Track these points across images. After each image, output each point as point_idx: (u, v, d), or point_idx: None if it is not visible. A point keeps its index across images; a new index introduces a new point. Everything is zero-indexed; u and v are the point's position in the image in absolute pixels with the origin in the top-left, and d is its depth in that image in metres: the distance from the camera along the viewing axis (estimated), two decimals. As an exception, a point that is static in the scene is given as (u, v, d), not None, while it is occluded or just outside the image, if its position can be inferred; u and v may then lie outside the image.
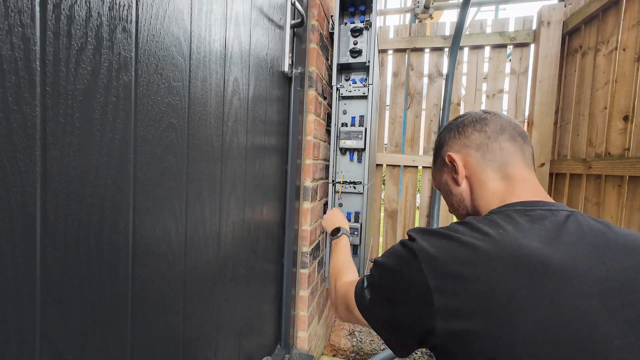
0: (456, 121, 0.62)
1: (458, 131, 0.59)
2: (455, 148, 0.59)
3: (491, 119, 0.56)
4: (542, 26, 1.92)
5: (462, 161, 0.57)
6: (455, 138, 0.59)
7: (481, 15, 4.58)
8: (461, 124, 0.59)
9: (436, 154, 0.66)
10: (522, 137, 0.55)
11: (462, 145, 0.58)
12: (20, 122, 0.32)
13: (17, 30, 0.31)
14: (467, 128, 0.57)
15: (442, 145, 0.63)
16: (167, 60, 0.52)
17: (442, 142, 0.63)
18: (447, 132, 0.62)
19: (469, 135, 0.57)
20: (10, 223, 0.31)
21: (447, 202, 0.64)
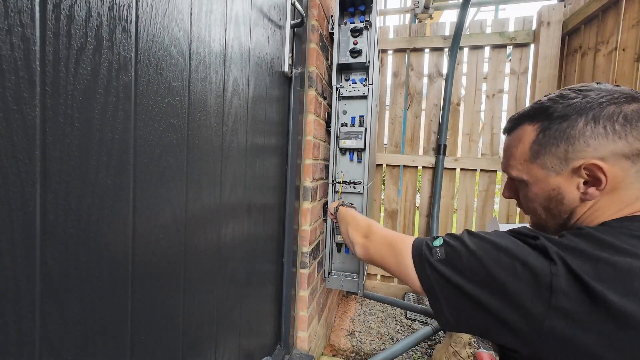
0: (604, 108, 0.43)
1: (613, 130, 0.42)
2: (602, 153, 0.42)
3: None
4: (541, 26, 1.92)
5: (608, 174, 0.42)
6: (605, 138, 0.42)
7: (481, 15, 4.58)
8: (621, 119, 0.41)
9: (549, 147, 0.47)
10: None
11: (615, 152, 0.42)
12: (20, 122, 0.32)
13: (17, 30, 0.31)
14: (632, 127, 0.41)
15: (572, 140, 0.45)
16: (167, 60, 0.52)
17: (569, 134, 0.45)
18: (584, 121, 0.44)
19: (631, 141, 0.41)
20: (9, 223, 0.31)
21: (537, 209, 0.51)
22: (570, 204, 0.47)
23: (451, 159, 2.13)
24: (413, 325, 1.89)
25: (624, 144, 0.41)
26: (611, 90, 0.44)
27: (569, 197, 0.46)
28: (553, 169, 0.47)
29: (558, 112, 0.46)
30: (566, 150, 0.45)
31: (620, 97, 0.42)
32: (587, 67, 1.70)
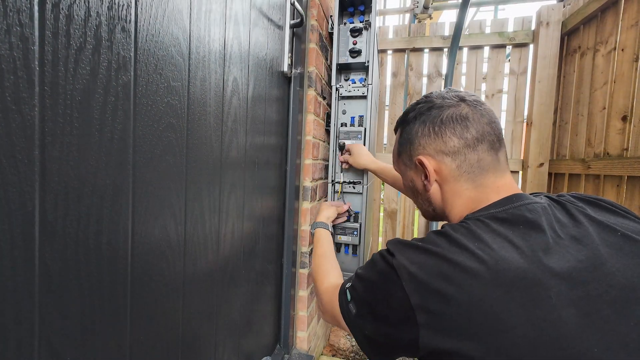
0: (430, 112, 0.52)
1: (434, 130, 0.51)
2: (428, 151, 0.52)
3: (472, 120, 0.49)
4: (541, 26, 1.93)
5: (435, 168, 0.52)
6: (429, 137, 0.51)
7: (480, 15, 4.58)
8: (438, 121, 0.51)
9: (403, 145, 0.57)
10: (499, 139, 0.51)
11: (437, 149, 0.51)
12: (19, 122, 0.32)
13: (16, 30, 0.31)
14: (446, 130, 0.50)
15: (412, 140, 0.54)
16: (167, 60, 0.52)
17: (411, 135, 0.54)
18: (419, 124, 0.53)
19: (447, 140, 0.50)
20: (8, 223, 0.31)
21: (411, 198, 0.61)
22: (423, 194, 0.56)
23: (450, 158, 2.12)
24: (412, 325, 1.88)
25: (441, 143, 0.50)
26: (443, 96, 0.53)
27: (419, 188, 0.56)
28: (407, 165, 0.58)
29: (409, 117, 0.56)
30: (410, 149, 0.55)
31: (445, 103, 0.51)
32: (586, 67, 1.71)
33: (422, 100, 0.55)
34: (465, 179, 0.50)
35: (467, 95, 0.52)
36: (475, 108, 0.50)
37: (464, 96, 0.51)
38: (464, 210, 0.50)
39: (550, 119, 1.94)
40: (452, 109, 0.50)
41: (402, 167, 0.60)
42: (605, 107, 1.52)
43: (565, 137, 1.86)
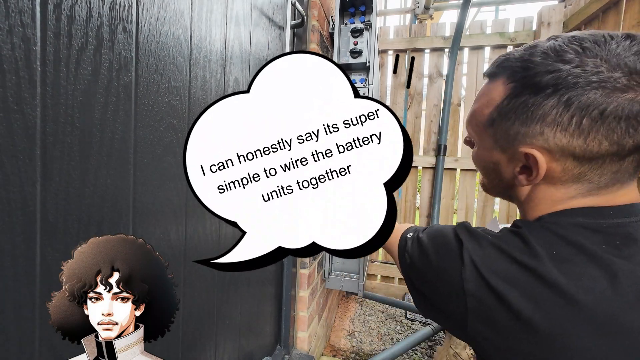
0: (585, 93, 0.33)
1: (580, 125, 0.34)
2: (549, 144, 0.36)
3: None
4: (542, 27, 1.92)
5: (548, 167, 0.38)
6: (564, 130, 0.35)
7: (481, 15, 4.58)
8: (596, 113, 0.33)
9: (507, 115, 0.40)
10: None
11: (565, 148, 0.36)
12: (21, 122, 0.32)
13: (18, 31, 0.31)
14: (601, 128, 0.33)
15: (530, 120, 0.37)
16: (168, 61, 0.52)
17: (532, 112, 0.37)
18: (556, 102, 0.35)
19: (590, 142, 0.34)
20: (10, 223, 0.31)
21: (483, 176, 0.51)
22: (506, 183, 0.45)
23: (451, 159, 2.13)
24: (413, 326, 1.88)
25: (580, 143, 0.35)
26: (618, 65, 0.33)
27: (505, 176, 0.44)
28: (499, 144, 0.43)
29: (537, 78, 0.37)
30: (517, 132, 0.39)
31: (619, 79, 0.32)
32: (587, 67, 1.70)
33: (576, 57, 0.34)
34: (579, 188, 0.38)
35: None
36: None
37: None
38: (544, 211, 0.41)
39: (551, 119, 1.93)
40: (625, 97, 0.32)
41: (485, 139, 0.45)
42: (606, 108, 1.51)
43: (567, 137, 1.85)
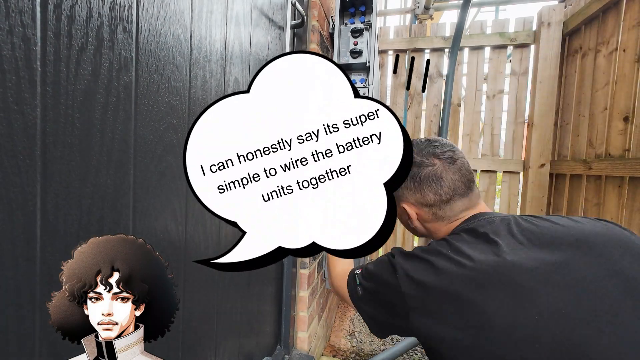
0: (412, 170, 0.61)
1: (414, 185, 0.61)
2: (410, 200, 0.62)
3: (445, 179, 0.59)
4: (542, 27, 1.92)
5: (416, 213, 0.63)
6: (410, 190, 0.62)
7: (481, 16, 4.58)
8: (418, 178, 0.60)
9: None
10: (470, 183, 0.60)
11: (417, 201, 0.61)
12: (21, 122, 0.32)
13: (18, 31, 0.31)
14: (424, 186, 0.60)
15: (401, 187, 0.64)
16: (168, 61, 0.52)
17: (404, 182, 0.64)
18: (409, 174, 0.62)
19: (424, 194, 0.60)
20: (10, 223, 0.31)
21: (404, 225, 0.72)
22: (410, 225, 0.66)
23: (451, 159, 2.12)
24: (413, 326, 1.88)
25: (420, 196, 0.60)
26: (424, 153, 0.61)
27: (407, 221, 0.66)
28: (397, 201, 0.65)
29: None
30: (398, 193, 0.63)
31: (425, 162, 0.60)
32: (587, 67, 1.70)
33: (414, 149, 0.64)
34: (442, 221, 0.62)
35: (441, 152, 0.60)
36: (448, 165, 0.59)
37: (439, 153, 0.60)
38: (444, 234, 0.61)
39: (552, 119, 1.93)
40: (428, 169, 0.59)
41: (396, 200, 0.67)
42: (606, 108, 1.51)
43: (567, 137, 1.85)
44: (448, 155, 0.60)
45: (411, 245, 2.27)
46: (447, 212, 0.60)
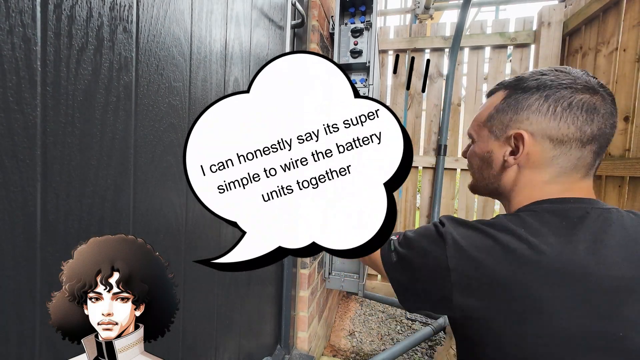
0: (559, 91, 0.45)
1: (554, 111, 0.44)
2: (533, 128, 0.46)
3: (601, 115, 0.44)
4: (542, 27, 1.92)
5: (531, 149, 0.46)
6: (544, 115, 0.45)
7: (481, 15, 4.58)
8: (565, 103, 0.44)
9: (502, 112, 0.50)
10: (607, 145, 0.47)
11: (544, 131, 0.45)
12: (21, 122, 0.32)
13: (18, 31, 0.31)
14: (569, 115, 0.44)
15: (519, 110, 0.48)
16: (168, 61, 0.52)
17: (521, 104, 0.47)
18: (538, 97, 0.46)
19: (562, 125, 0.44)
20: (10, 223, 0.31)
21: (474, 168, 0.56)
22: (496, 170, 0.52)
23: (452, 159, 2.12)
24: (413, 326, 1.88)
25: (554, 126, 0.45)
26: (580, 76, 0.46)
27: (496, 162, 0.51)
28: (495, 133, 0.51)
29: (525, 84, 0.49)
30: (510, 119, 0.49)
31: (579, 85, 0.45)
32: (587, 67, 1.70)
33: (550, 72, 0.47)
34: (552, 172, 0.46)
35: (599, 85, 0.46)
36: (608, 104, 0.45)
37: (597, 87, 0.45)
38: (527, 200, 0.48)
39: (552, 119, 1.93)
40: (586, 95, 0.44)
41: (483, 133, 0.53)
42: (606, 108, 1.51)
43: (567, 137, 1.85)
44: (609, 93, 0.46)
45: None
46: (572, 162, 0.45)
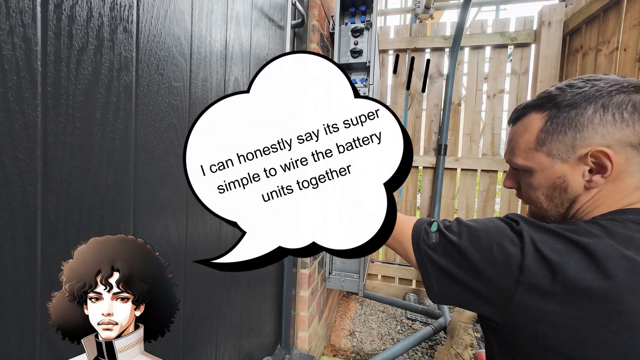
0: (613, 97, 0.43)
1: (623, 117, 0.42)
2: (609, 141, 0.42)
3: None
4: (542, 26, 1.92)
5: (609, 162, 0.43)
6: (613, 125, 0.42)
7: (482, 15, 4.57)
8: (630, 107, 0.42)
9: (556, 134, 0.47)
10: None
11: (622, 140, 0.42)
12: (22, 122, 0.32)
13: (19, 31, 0.31)
14: (638, 116, 0.41)
15: (581, 128, 0.44)
16: (168, 60, 0.52)
17: (577, 122, 0.45)
18: (594, 109, 0.44)
19: (638, 129, 0.41)
20: (11, 222, 0.31)
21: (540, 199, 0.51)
22: (575, 192, 0.47)
23: (452, 159, 2.12)
24: (414, 326, 1.88)
25: (631, 132, 0.42)
26: (619, 79, 0.44)
27: (574, 185, 0.47)
28: (559, 156, 0.47)
29: (567, 100, 0.46)
30: (574, 138, 0.45)
31: (629, 87, 0.43)
32: (588, 67, 1.70)
33: (584, 83, 0.46)
34: (629, 181, 0.44)
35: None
36: None
37: (639, 83, 0.44)
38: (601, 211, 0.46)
39: (552, 119, 1.93)
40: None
41: (544, 161, 0.49)
42: (607, 108, 1.51)
43: (567, 137, 1.85)
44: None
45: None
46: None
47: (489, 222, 0.48)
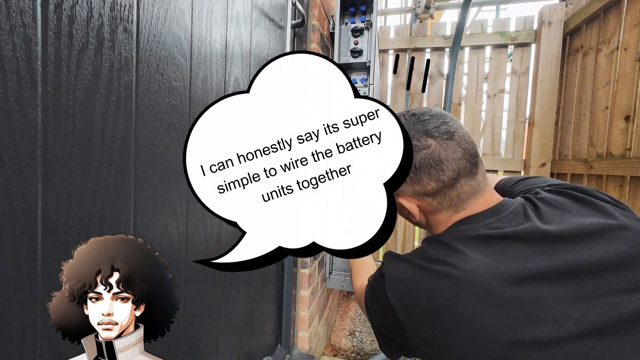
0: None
1: (411, 177, 0.52)
2: (408, 193, 0.54)
3: (446, 160, 0.49)
4: (543, 26, 1.92)
5: (417, 206, 0.55)
6: (406, 183, 0.52)
7: (482, 15, 4.57)
8: (413, 168, 0.51)
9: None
10: (475, 163, 0.51)
11: (416, 192, 0.53)
12: (22, 122, 0.32)
13: (19, 31, 0.31)
14: (422, 175, 0.50)
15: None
16: (168, 60, 0.52)
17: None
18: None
19: (424, 184, 0.51)
20: (11, 222, 0.31)
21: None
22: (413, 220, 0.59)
23: (452, 159, 2.12)
24: (414, 326, 1.88)
25: (419, 187, 0.52)
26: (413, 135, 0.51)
27: (408, 216, 0.59)
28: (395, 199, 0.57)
29: None
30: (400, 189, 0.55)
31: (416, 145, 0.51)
32: (588, 67, 1.70)
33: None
34: (447, 210, 0.53)
35: (434, 127, 0.51)
36: (446, 143, 0.50)
37: (431, 130, 0.51)
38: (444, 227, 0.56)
39: (553, 119, 1.93)
40: (423, 152, 0.50)
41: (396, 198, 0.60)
42: (607, 107, 1.51)
43: (568, 137, 1.85)
44: (443, 130, 0.50)
45: (412, 246, 2.27)
46: (454, 200, 0.52)
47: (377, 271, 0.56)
